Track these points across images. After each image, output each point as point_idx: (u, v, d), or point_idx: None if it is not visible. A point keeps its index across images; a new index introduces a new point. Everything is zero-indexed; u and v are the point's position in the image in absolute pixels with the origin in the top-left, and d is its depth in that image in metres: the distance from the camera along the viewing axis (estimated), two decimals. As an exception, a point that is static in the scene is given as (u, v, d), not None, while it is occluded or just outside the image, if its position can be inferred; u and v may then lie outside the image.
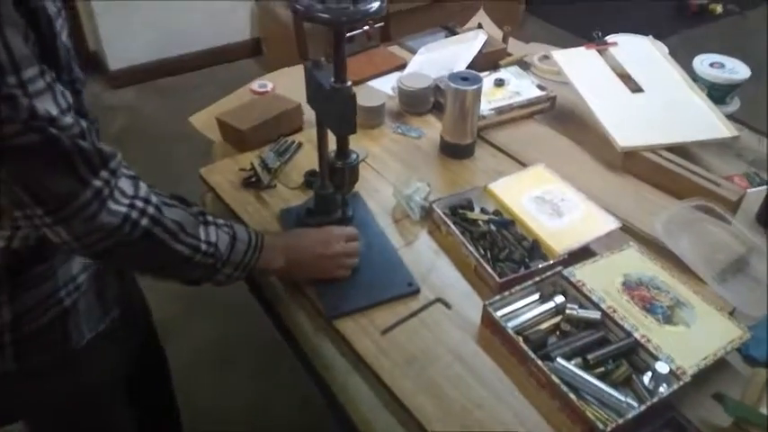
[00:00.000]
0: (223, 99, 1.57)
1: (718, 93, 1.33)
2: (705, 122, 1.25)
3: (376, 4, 0.78)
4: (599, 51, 1.43)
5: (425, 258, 1.06)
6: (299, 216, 1.09)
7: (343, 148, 0.94)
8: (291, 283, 1.02)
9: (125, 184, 0.72)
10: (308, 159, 1.27)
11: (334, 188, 1.00)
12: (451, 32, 1.68)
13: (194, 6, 3.23)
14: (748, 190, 1.19)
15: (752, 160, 1.31)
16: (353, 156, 0.95)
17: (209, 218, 0.83)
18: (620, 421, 0.78)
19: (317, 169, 1.17)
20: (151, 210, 0.74)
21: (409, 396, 0.85)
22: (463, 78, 1.20)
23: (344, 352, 0.93)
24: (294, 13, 0.78)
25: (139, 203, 0.72)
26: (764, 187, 1.21)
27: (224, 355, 1.98)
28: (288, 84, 1.49)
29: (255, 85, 1.44)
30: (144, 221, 0.73)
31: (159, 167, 2.59)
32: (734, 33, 3.86)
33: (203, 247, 0.80)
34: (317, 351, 0.95)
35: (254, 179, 1.19)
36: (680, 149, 1.23)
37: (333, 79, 0.86)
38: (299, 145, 1.30)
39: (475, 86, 1.18)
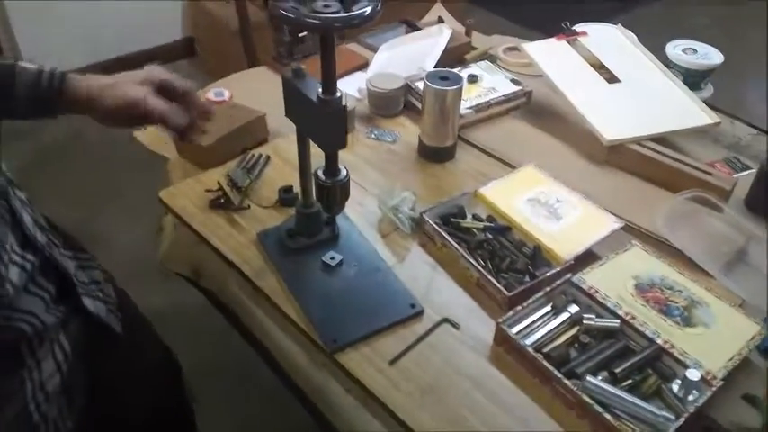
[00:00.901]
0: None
1: (693, 79, 1.32)
2: (686, 110, 1.23)
3: (369, 8, 0.69)
4: (569, 42, 1.39)
5: (422, 275, 0.98)
6: (279, 239, 1.00)
7: (332, 165, 0.85)
8: (279, 312, 0.92)
9: None
10: (278, 174, 1.16)
11: (323, 209, 0.91)
12: (412, 27, 1.61)
13: (121, 6, 3.01)
14: (735, 176, 1.18)
15: (729, 145, 1.30)
16: (343, 172, 0.86)
17: None
18: (661, 439, 0.73)
19: (292, 185, 1.10)
20: None
21: (427, 429, 0.77)
22: (442, 78, 1.13)
23: (349, 387, 0.85)
24: (275, 19, 0.69)
25: None
26: (748, 172, 1.20)
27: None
28: (245, 90, 1.38)
29: (210, 93, 1.33)
30: None
31: (106, 186, 2.42)
32: (670, 15, 3.95)
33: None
34: (318, 388, 0.86)
35: (222, 200, 1.08)
36: (660, 139, 1.21)
37: (320, 90, 0.77)
38: (267, 159, 1.19)
39: (456, 86, 1.11)
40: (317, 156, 0.89)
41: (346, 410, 0.83)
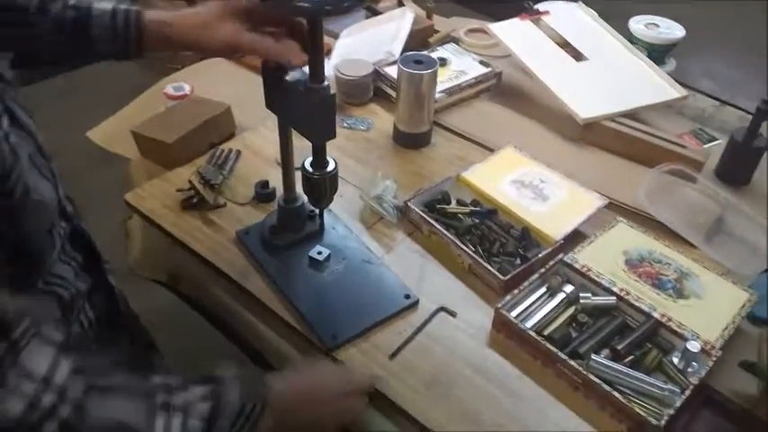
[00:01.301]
0: (126, 108, 1.37)
1: (657, 53, 1.34)
2: (655, 85, 1.25)
3: None
4: (533, 21, 1.39)
5: (412, 264, 0.96)
6: (263, 237, 0.95)
7: (320, 157, 0.81)
8: (270, 313, 0.88)
9: (34, 360, 0.49)
10: (251, 168, 1.12)
11: (311, 202, 0.87)
12: (372, 12, 1.57)
13: None
14: (704, 147, 1.21)
15: (693, 117, 1.33)
16: (332, 164, 0.82)
17: (177, 397, 0.56)
18: (672, 411, 0.74)
19: (267, 179, 1.06)
20: (65, 411, 0.49)
21: (444, 425, 0.75)
22: (416, 62, 1.10)
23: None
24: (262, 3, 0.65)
25: (48, 397, 0.49)
26: (715, 143, 1.23)
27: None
28: (205, 83, 1.32)
29: (169, 88, 1.26)
30: (50, 427, 0.49)
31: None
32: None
33: None
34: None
35: (195, 199, 1.03)
36: (629, 115, 1.22)
37: (307, 78, 0.73)
38: (238, 153, 1.14)
39: (431, 70, 1.09)
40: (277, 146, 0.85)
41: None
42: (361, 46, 1.40)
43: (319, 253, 0.93)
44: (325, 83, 0.73)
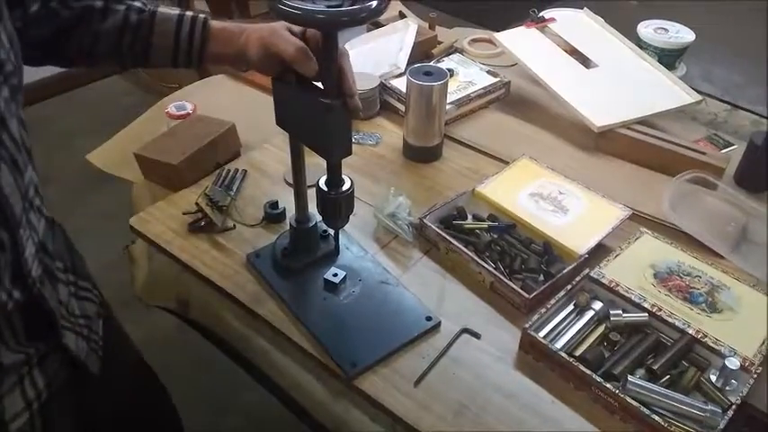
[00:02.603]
0: (127, 129, 1.33)
1: (668, 58, 1.31)
2: (668, 91, 1.22)
3: (375, 1, 0.62)
4: (539, 29, 1.36)
5: (431, 284, 0.92)
6: (275, 260, 0.91)
7: (336, 175, 0.77)
8: (286, 340, 0.84)
9: None
10: (258, 189, 1.08)
11: (327, 223, 0.84)
12: (374, 24, 1.54)
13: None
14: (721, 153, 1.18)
15: (707, 122, 1.30)
16: (347, 182, 0.79)
17: None
18: (715, 435, 0.70)
19: (277, 200, 1.02)
20: None
21: (476, 457, 0.71)
22: (426, 73, 1.07)
23: (374, 415, 0.78)
24: (275, 14, 0.61)
25: None
26: (731, 148, 1.20)
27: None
28: (207, 101, 1.28)
29: (172, 107, 1.22)
30: None
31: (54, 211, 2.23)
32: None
33: None
34: (341, 420, 0.79)
35: (203, 222, 0.99)
36: (642, 122, 1.19)
37: (323, 94, 0.70)
38: (245, 173, 1.10)
39: (441, 81, 1.06)
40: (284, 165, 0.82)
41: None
42: (365, 59, 1.37)
43: (335, 275, 0.89)
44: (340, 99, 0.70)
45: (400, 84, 1.23)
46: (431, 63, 1.31)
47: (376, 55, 1.37)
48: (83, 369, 0.72)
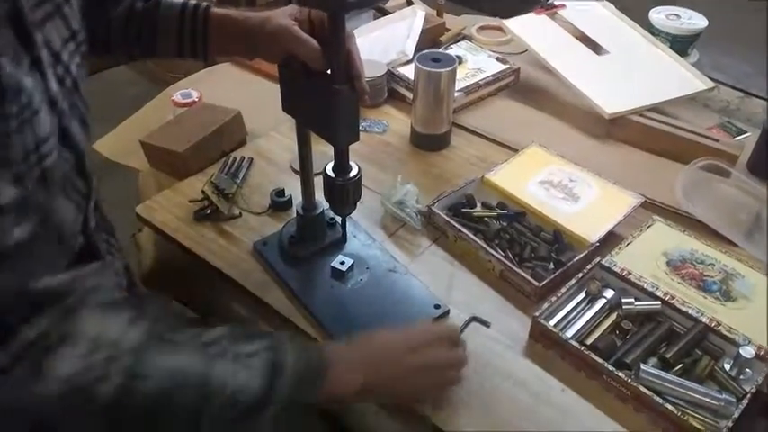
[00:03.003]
0: (133, 117, 1.32)
1: (680, 45, 1.29)
2: (680, 78, 1.20)
3: None
4: (549, 16, 1.34)
5: (440, 272, 0.91)
6: (282, 248, 0.90)
7: (343, 161, 0.76)
8: (289, 324, 0.83)
9: (89, 324, 0.49)
10: (264, 177, 1.07)
11: (334, 210, 0.83)
12: (381, 12, 1.53)
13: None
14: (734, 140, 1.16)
15: (719, 110, 1.28)
16: (355, 168, 0.78)
17: (230, 347, 0.56)
18: (730, 423, 0.69)
19: (283, 187, 1.01)
20: (122, 366, 0.49)
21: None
22: (434, 60, 1.06)
23: (382, 406, 0.77)
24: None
25: (101, 356, 0.49)
26: (744, 136, 1.18)
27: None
28: (212, 89, 1.27)
29: (177, 95, 1.21)
30: (105, 387, 0.48)
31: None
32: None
33: (212, 401, 0.53)
34: (348, 409, 0.78)
35: (209, 210, 0.98)
36: (653, 109, 1.17)
37: (330, 79, 0.68)
38: (251, 161, 1.09)
39: (450, 67, 1.04)
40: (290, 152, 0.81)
41: (382, 430, 0.75)
42: (372, 46, 1.35)
43: (342, 263, 0.88)
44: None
45: (408, 71, 1.22)
46: (440, 50, 1.29)
47: (383, 42, 1.36)
48: None
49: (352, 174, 0.78)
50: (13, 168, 0.48)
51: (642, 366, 0.73)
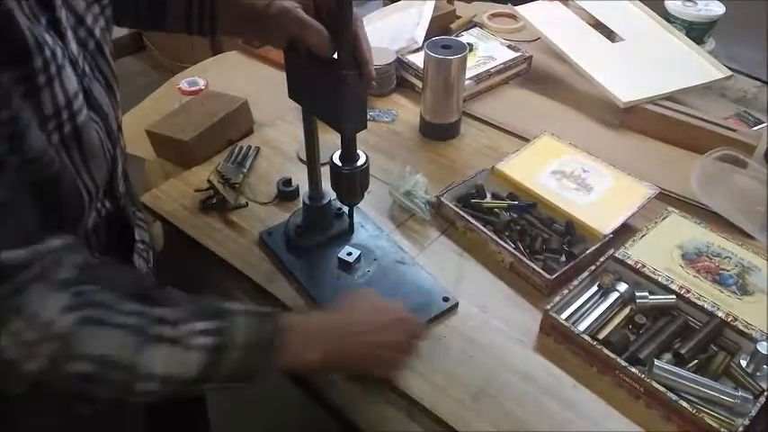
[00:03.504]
0: (139, 106, 1.31)
1: (696, 32, 1.26)
2: (696, 66, 1.17)
3: None
4: (562, 2, 1.31)
5: (449, 263, 0.89)
6: (288, 238, 0.89)
7: (351, 150, 0.74)
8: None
9: (31, 304, 0.50)
10: (271, 165, 1.06)
11: (341, 200, 0.81)
12: (390, -1, 1.50)
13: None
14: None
15: (736, 99, 1.25)
16: (362, 157, 0.76)
17: (166, 329, 0.55)
18: (747, 421, 0.67)
19: (290, 177, 1.00)
20: (53, 347, 0.51)
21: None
22: (444, 47, 1.03)
23: (390, 399, 0.75)
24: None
25: (29, 336, 0.50)
26: (761, 126, 1.15)
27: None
28: (219, 77, 1.26)
29: (184, 83, 1.20)
30: (32, 365, 0.50)
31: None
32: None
33: (138, 386, 0.54)
34: (355, 403, 0.76)
35: (215, 200, 0.97)
36: (669, 98, 1.14)
37: (337, 65, 0.67)
38: (257, 150, 1.08)
39: (460, 54, 1.02)
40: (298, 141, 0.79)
41: (390, 424, 0.74)
42: (381, 34, 1.33)
43: (349, 254, 0.86)
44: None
45: (417, 59, 1.20)
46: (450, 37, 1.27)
47: (392, 30, 1.33)
48: None
49: (360, 162, 0.76)
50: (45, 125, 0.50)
51: (656, 362, 0.71)
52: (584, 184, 0.94)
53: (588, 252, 0.85)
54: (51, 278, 0.51)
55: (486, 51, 1.24)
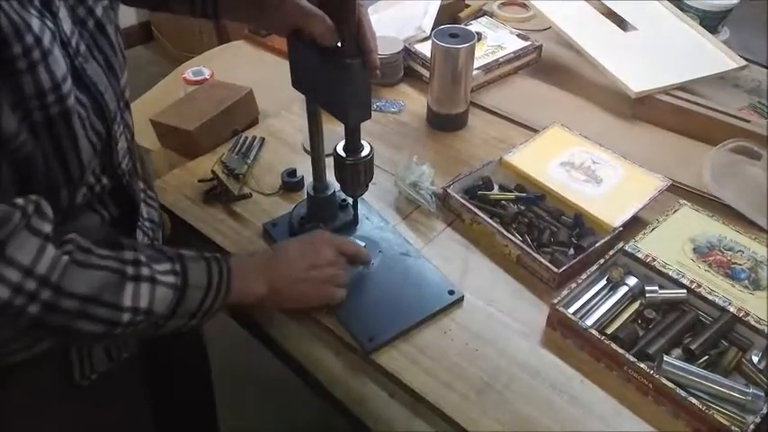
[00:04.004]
0: (144, 96, 1.30)
1: (710, 22, 1.23)
2: (709, 55, 1.14)
3: None
4: (573, -10, 1.29)
5: (455, 256, 0.88)
6: (292, 229, 0.88)
7: (355, 140, 0.73)
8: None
9: (19, 254, 0.53)
10: (276, 157, 1.04)
11: (345, 191, 0.80)
12: (398, -13, 1.48)
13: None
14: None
15: (750, 90, 1.22)
16: (367, 148, 0.75)
17: (144, 269, 0.61)
18: (758, 419, 0.65)
19: (295, 167, 0.99)
20: (46, 294, 0.55)
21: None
22: (452, 35, 1.02)
23: (393, 392, 0.74)
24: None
25: (30, 285, 0.54)
26: (778, 117, 1.13)
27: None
28: (225, 67, 1.25)
29: (189, 72, 1.19)
30: (32, 308, 0.55)
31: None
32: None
33: (125, 317, 0.60)
34: (359, 397, 0.75)
35: (219, 190, 0.96)
36: (682, 88, 1.12)
37: (340, 53, 0.65)
38: (262, 140, 1.07)
39: (468, 43, 1.00)
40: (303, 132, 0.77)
41: (394, 419, 0.73)
42: (389, 23, 1.31)
43: (353, 246, 0.85)
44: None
45: (425, 48, 1.18)
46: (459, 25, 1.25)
47: (400, 19, 1.31)
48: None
49: (364, 153, 0.75)
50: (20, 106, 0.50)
51: (665, 358, 0.69)
52: (594, 175, 0.93)
53: (597, 245, 0.83)
54: (33, 227, 0.54)
55: (496, 40, 1.22)
